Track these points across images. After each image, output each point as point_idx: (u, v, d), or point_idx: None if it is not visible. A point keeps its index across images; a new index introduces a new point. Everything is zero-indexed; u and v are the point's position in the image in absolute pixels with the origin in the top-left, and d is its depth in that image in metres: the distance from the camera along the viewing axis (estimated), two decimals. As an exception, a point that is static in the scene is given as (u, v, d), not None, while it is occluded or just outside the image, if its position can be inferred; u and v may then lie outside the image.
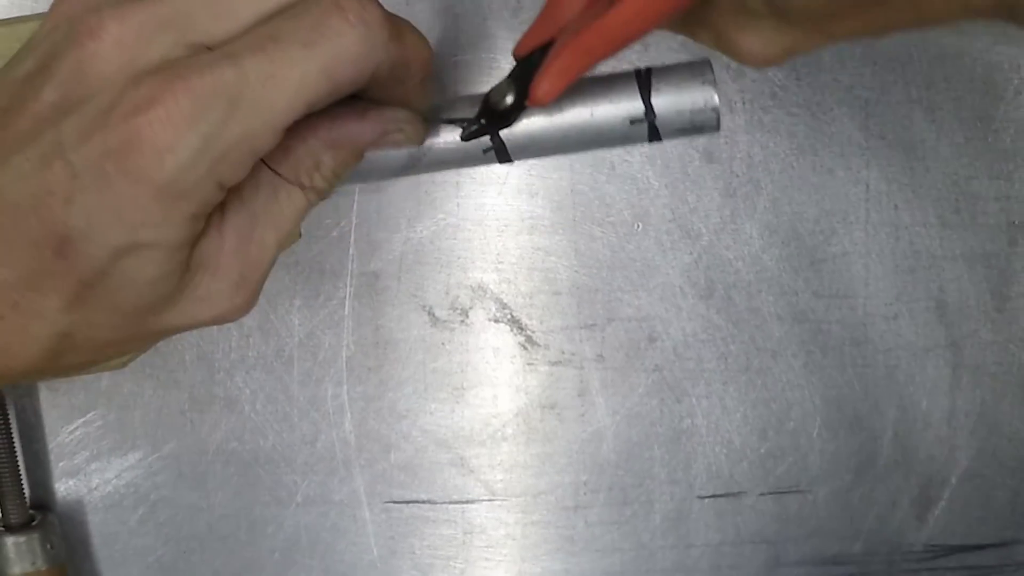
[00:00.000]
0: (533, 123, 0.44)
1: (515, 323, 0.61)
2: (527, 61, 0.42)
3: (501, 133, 0.44)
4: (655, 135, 0.44)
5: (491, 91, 0.43)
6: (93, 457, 0.60)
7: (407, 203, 0.60)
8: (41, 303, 0.38)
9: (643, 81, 0.44)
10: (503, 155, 0.44)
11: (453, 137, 0.44)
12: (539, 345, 0.62)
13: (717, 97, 0.43)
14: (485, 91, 0.44)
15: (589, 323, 0.62)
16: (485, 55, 0.59)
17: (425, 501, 0.62)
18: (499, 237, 0.61)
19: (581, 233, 0.61)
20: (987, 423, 0.64)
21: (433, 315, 0.61)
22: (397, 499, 0.62)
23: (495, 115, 0.43)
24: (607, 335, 0.62)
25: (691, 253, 0.62)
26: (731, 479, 0.63)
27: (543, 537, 0.63)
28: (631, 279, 0.61)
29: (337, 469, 0.61)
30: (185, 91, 0.35)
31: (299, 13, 0.37)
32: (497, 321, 0.61)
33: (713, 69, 0.43)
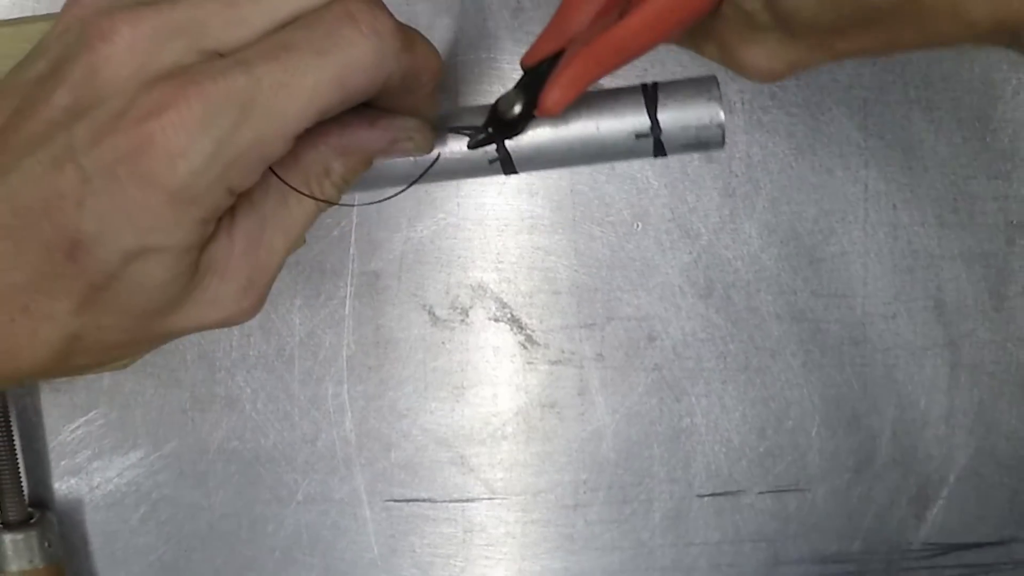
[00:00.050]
0: (539, 135, 0.44)
1: (515, 322, 0.61)
2: (536, 71, 0.43)
3: (507, 144, 0.44)
4: (660, 150, 0.44)
5: (499, 100, 0.43)
6: (95, 456, 0.60)
7: (407, 203, 0.60)
8: (51, 306, 0.38)
9: (649, 96, 0.44)
10: (508, 166, 0.44)
11: (460, 147, 0.44)
12: (539, 344, 0.62)
13: (723, 114, 0.44)
14: (492, 101, 0.44)
15: (589, 322, 0.62)
16: (485, 55, 0.59)
17: (425, 499, 0.62)
18: (499, 237, 0.61)
19: (581, 233, 0.61)
20: (985, 422, 0.64)
21: (433, 314, 0.61)
22: (397, 497, 0.62)
23: (503, 124, 0.43)
24: (607, 334, 0.62)
25: (690, 252, 0.62)
26: (730, 478, 0.63)
27: (543, 535, 0.63)
28: (630, 278, 0.62)
29: (338, 468, 0.62)
30: (198, 96, 0.35)
31: (312, 22, 0.37)
32: (497, 320, 0.61)
33: (719, 86, 0.44)
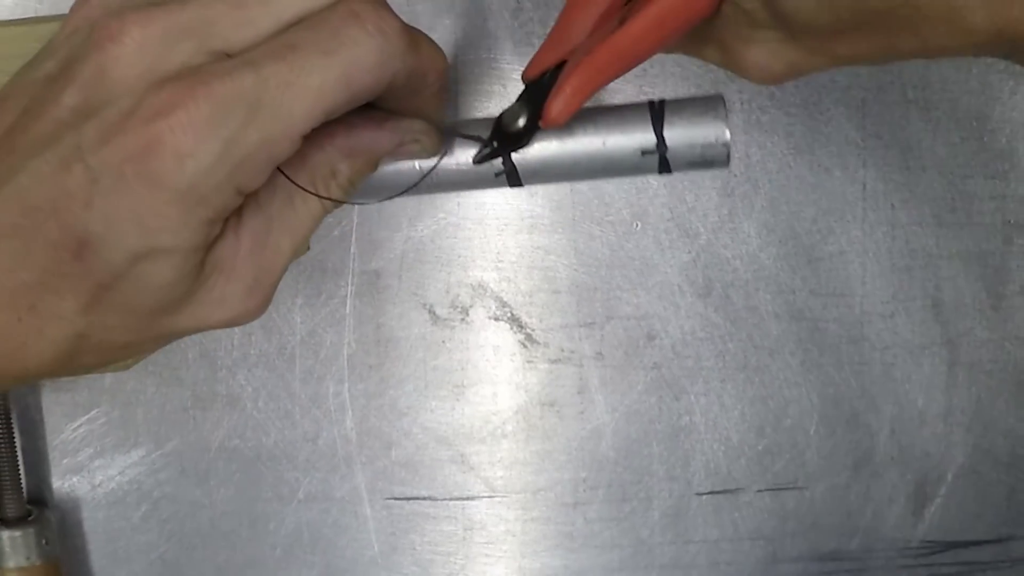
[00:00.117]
0: (545, 148, 0.44)
1: (515, 321, 0.62)
2: (538, 83, 0.43)
3: (513, 157, 0.44)
4: (665, 167, 0.44)
5: (503, 113, 0.44)
6: (96, 454, 0.60)
7: (408, 202, 0.60)
8: (58, 305, 0.38)
9: (656, 113, 0.44)
10: (514, 179, 0.44)
11: (465, 159, 0.44)
12: (539, 343, 0.62)
13: (729, 133, 0.44)
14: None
15: (588, 321, 0.62)
16: (485, 55, 0.59)
17: (426, 498, 0.62)
18: (499, 236, 0.61)
19: (580, 232, 0.61)
20: (983, 420, 0.64)
21: (434, 313, 0.61)
22: (398, 496, 0.62)
23: (507, 137, 0.44)
24: (606, 333, 0.62)
25: (689, 252, 0.62)
26: (729, 476, 0.64)
27: (543, 533, 0.64)
28: (630, 278, 0.62)
29: (338, 466, 0.62)
30: (206, 97, 0.35)
31: (318, 23, 0.37)
32: (497, 319, 0.62)
33: (726, 104, 0.44)
